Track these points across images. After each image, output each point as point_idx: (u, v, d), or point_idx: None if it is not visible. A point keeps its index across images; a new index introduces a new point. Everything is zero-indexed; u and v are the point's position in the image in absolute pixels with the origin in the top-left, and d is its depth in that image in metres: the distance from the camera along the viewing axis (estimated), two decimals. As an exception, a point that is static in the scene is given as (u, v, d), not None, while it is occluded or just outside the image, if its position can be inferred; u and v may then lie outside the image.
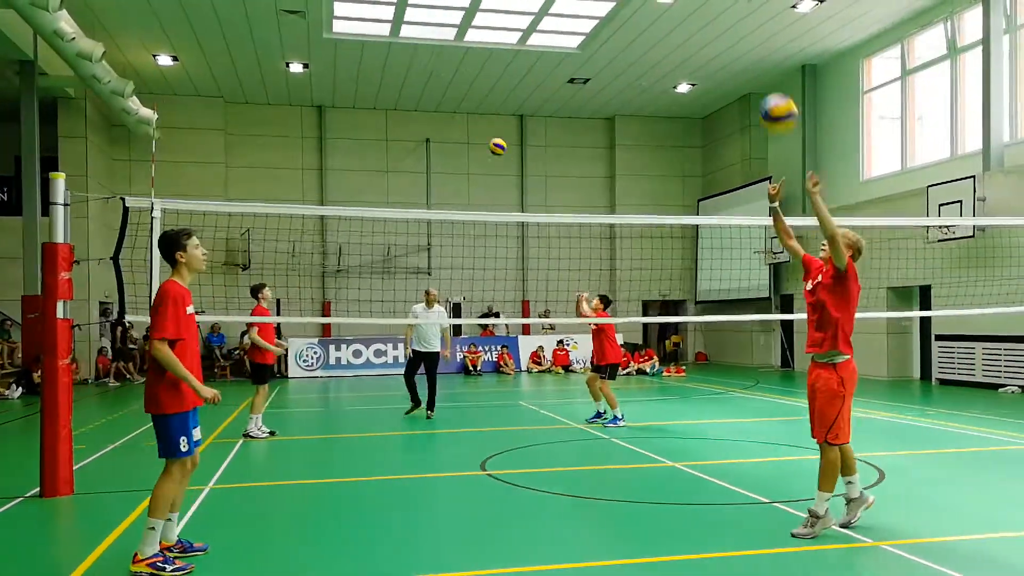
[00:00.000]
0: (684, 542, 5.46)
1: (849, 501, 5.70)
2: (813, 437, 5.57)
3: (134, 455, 9.24)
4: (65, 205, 7.05)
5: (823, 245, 5.66)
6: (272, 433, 10.48)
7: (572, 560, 5.00)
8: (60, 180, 7.03)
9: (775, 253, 21.06)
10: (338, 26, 18.68)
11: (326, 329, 23.02)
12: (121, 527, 5.86)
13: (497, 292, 22.99)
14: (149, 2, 16.61)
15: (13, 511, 6.45)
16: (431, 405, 12.12)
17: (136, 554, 4.82)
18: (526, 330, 24.14)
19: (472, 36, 19.35)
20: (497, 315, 23.81)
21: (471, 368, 20.95)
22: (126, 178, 22.35)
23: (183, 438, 4.96)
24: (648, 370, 20.35)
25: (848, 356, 5.52)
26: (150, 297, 7.14)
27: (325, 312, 23.13)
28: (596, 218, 23.48)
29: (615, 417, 11.07)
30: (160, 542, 4.97)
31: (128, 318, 7.54)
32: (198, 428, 5.15)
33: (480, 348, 21.47)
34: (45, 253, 6.98)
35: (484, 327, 23.37)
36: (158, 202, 7.22)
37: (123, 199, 7.21)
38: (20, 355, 18.03)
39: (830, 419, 5.43)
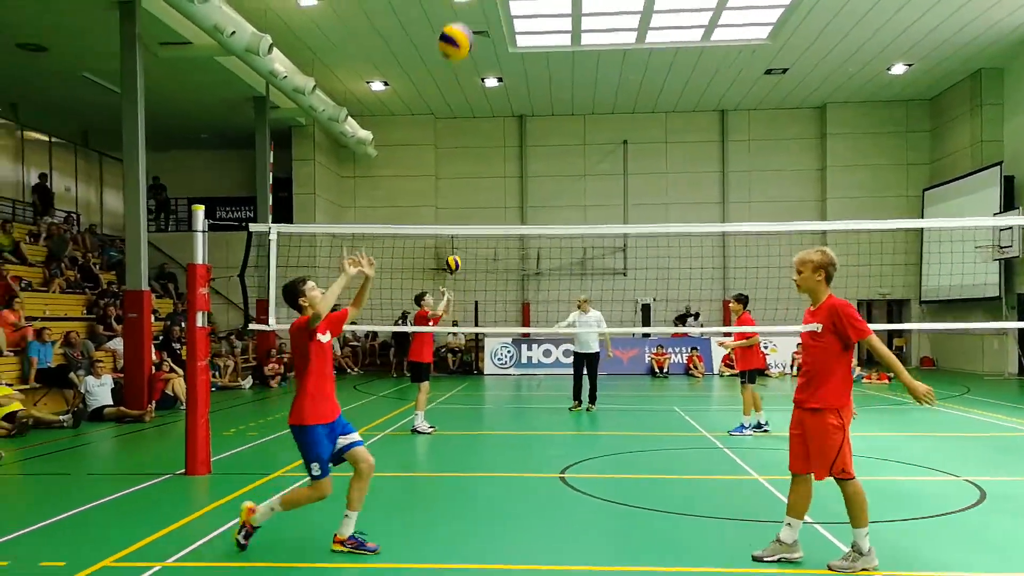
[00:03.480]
0: (677, 553, 5.47)
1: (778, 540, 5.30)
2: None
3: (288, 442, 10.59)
4: (203, 232, 8.42)
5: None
6: (432, 428, 11.28)
7: (549, 563, 5.29)
8: (200, 211, 8.42)
9: (1002, 247, 18.71)
10: (521, 40, 19.56)
11: (525, 324, 24.09)
12: (216, 503, 7.01)
13: (694, 291, 22.66)
14: (354, 38, 18.55)
15: (157, 484, 7.88)
16: (592, 399, 13.53)
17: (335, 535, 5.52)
18: (725, 323, 23.50)
19: (653, 37, 19.33)
20: (696, 316, 23.46)
21: (658, 370, 20.89)
22: (351, 193, 24.97)
23: (315, 463, 5.33)
24: (846, 376, 19.04)
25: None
26: (268, 310, 8.33)
27: (524, 311, 24.20)
28: (804, 225, 22.36)
29: (741, 425, 10.79)
30: (335, 536, 5.53)
31: (252, 326, 8.81)
32: (353, 433, 5.54)
33: (668, 350, 21.32)
34: (188, 272, 8.40)
35: (676, 325, 23.14)
36: (275, 227, 8.41)
37: (247, 225, 8.47)
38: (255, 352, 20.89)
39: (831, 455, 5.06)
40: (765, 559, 5.24)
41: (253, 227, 8.48)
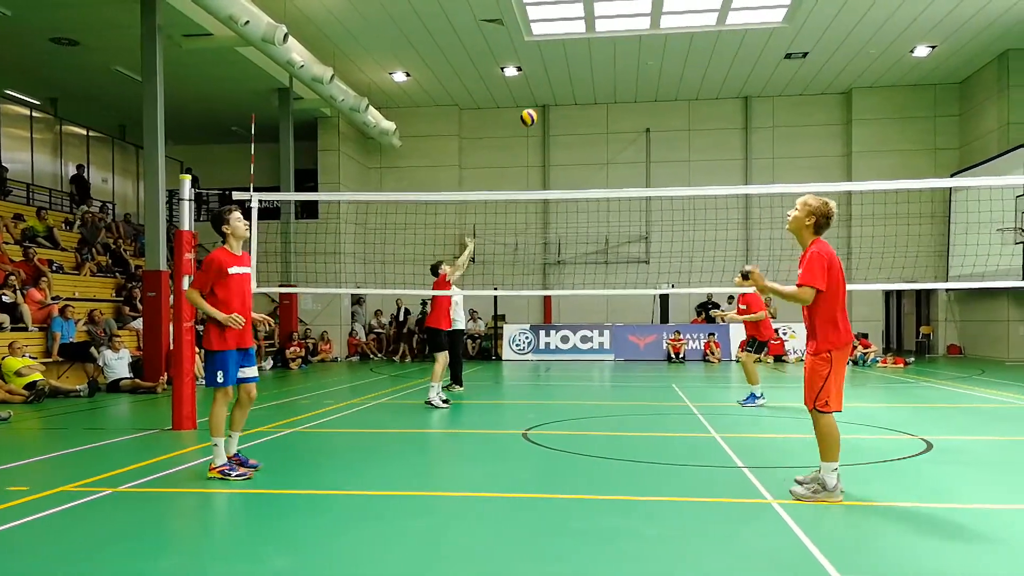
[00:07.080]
0: (618, 487, 5.68)
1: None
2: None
3: (275, 407, 11.05)
4: (190, 200, 8.87)
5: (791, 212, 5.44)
6: (446, 402, 10.79)
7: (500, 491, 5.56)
8: (187, 180, 8.87)
9: (1023, 230, 18.31)
10: (536, 28, 19.75)
11: (547, 316, 24.31)
12: (186, 449, 7.43)
13: (717, 276, 22.54)
14: (373, 28, 18.94)
15: (141, 437, 8.35)
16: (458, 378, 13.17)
17: (211, 464, 6.11)
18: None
19: (667, 22, 19.35)
20: (717, 306, 23.37)
21: (674, 355, 20.90)
22: (376, 184, 25.48)
23: (220, 372, 6.13)
24: (857, 359, 18.87)
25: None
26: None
27: (546, 302, 24.40)
28: (829, 186, 22.04)
29: (752, 395, 10.69)
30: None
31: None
32: (252, 368, 6.29)
33: (684, 336, 21.31)
34: (175, 238, 8.85)
35: (699, 315, 23.12)
36: (256, 195, 8.82)
37: (231, 192, 8.90)
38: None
39: (817, 387, 5.19)
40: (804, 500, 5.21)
41: (236, 195, 8.90)
